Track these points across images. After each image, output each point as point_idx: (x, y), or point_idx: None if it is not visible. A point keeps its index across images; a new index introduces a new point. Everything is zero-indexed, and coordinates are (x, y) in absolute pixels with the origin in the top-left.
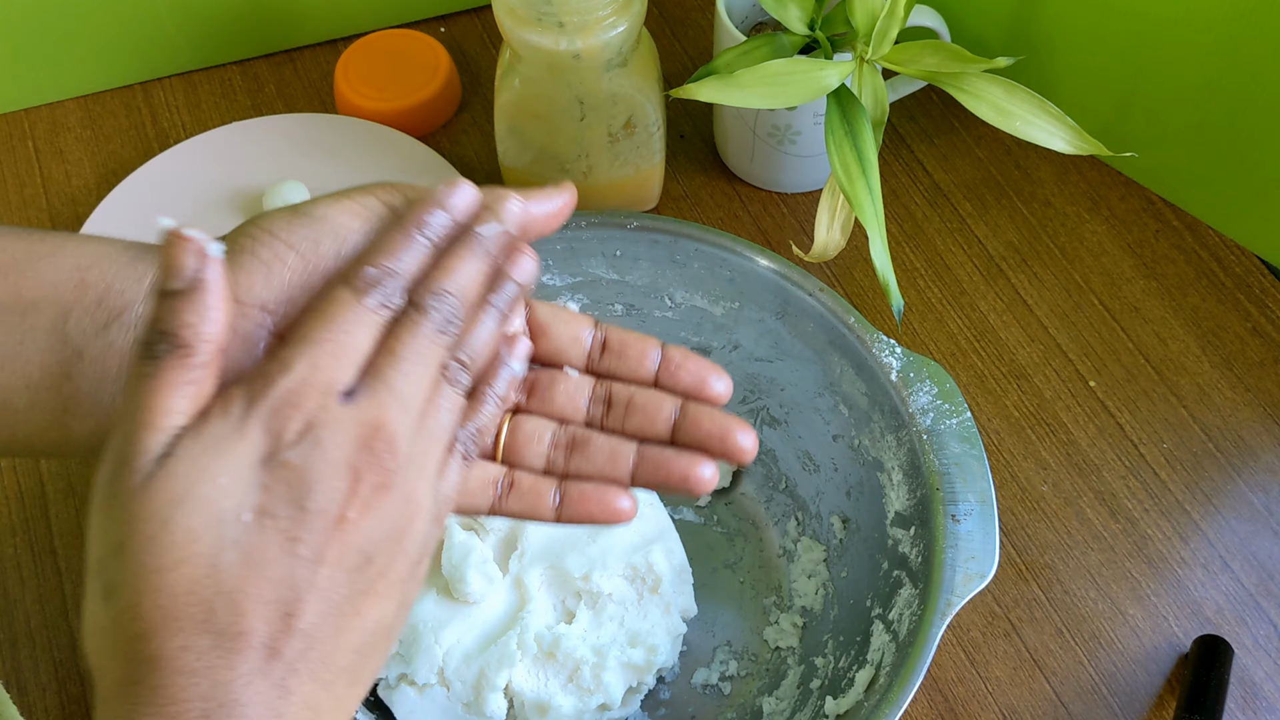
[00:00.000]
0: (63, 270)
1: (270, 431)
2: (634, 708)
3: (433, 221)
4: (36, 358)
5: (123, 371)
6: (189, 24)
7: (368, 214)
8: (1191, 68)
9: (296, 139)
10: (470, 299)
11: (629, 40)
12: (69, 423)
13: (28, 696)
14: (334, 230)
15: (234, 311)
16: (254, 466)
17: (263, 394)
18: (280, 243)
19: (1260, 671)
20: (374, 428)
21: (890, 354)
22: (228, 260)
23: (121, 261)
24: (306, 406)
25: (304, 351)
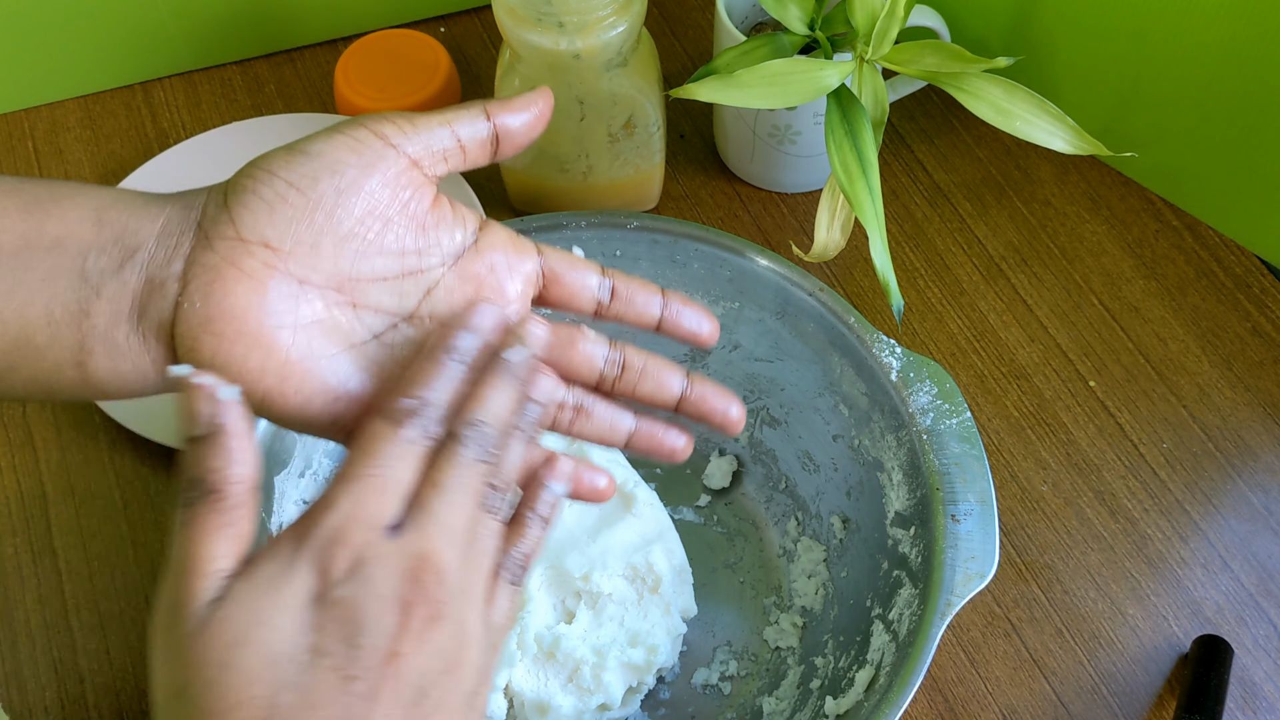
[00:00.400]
0: (83, 209)
1: (319, 570)
2: (634, 708)
3: (461, 346)
4: (58, 294)
5: (135, 311)
6: (189, 24)
7: (359, 146)
8: (1192, 67)
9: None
10: (504, 425)
11: (629, 40)
12: (86, 361)
13: (28, 696)
14: (330, 166)
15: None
16: (305, 606)
17: (309, 534)
18: (280, 180)
19: (1260, 671)
20: (421, 559)
21: (890, 354)
22: (230, 202)
23: (136, 204)
24: (353, 543)
25: (347, 489)
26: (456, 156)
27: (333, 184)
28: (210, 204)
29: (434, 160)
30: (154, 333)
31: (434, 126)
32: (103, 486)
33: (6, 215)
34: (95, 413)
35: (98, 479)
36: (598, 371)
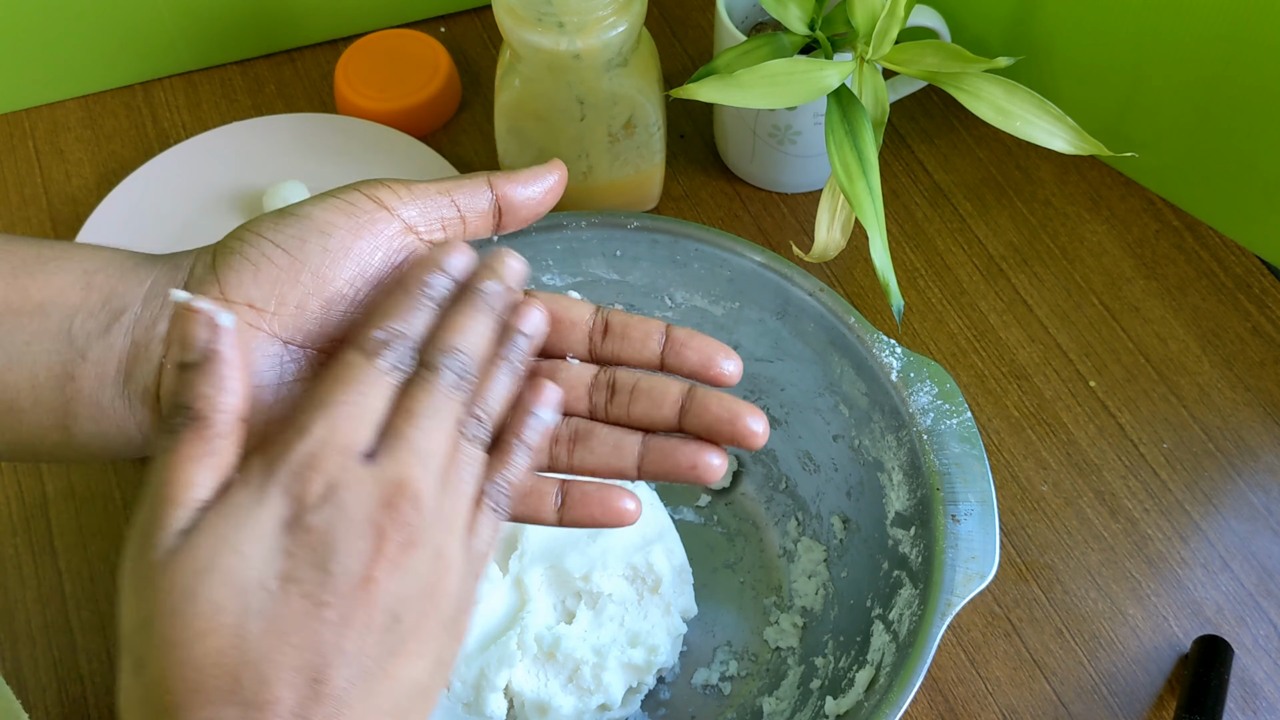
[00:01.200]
0: (70, 274)
1: (291, 496)
2: (634, 708)
3: (434, 282)
4: (43, 358)
5: (120, 374)
6: (189, 24)
7: (351, 209)
8: (1191, 67)
9: (296, 139)
10: (481, 355)
11: (629, 40)
12: (70, 424)
13: (28, 696)
14: (319, 227)
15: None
16: (276, 533)
17: (281, 459)
18: (267, 242)
19: (1260, 671)
20: (396, 485)
21: (890, 354)
22: (218, 264)
23: (126, 267)
24: (326, 468)
25: (320, 415)
26: (456, 225)
27: (320, 244)
28: (198, 265)
29: (431, 227)
30: (139, 396)
31: (432, 194)
32: (103, 486)
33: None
34: None
35: (98, 479)
36: (585, 398)
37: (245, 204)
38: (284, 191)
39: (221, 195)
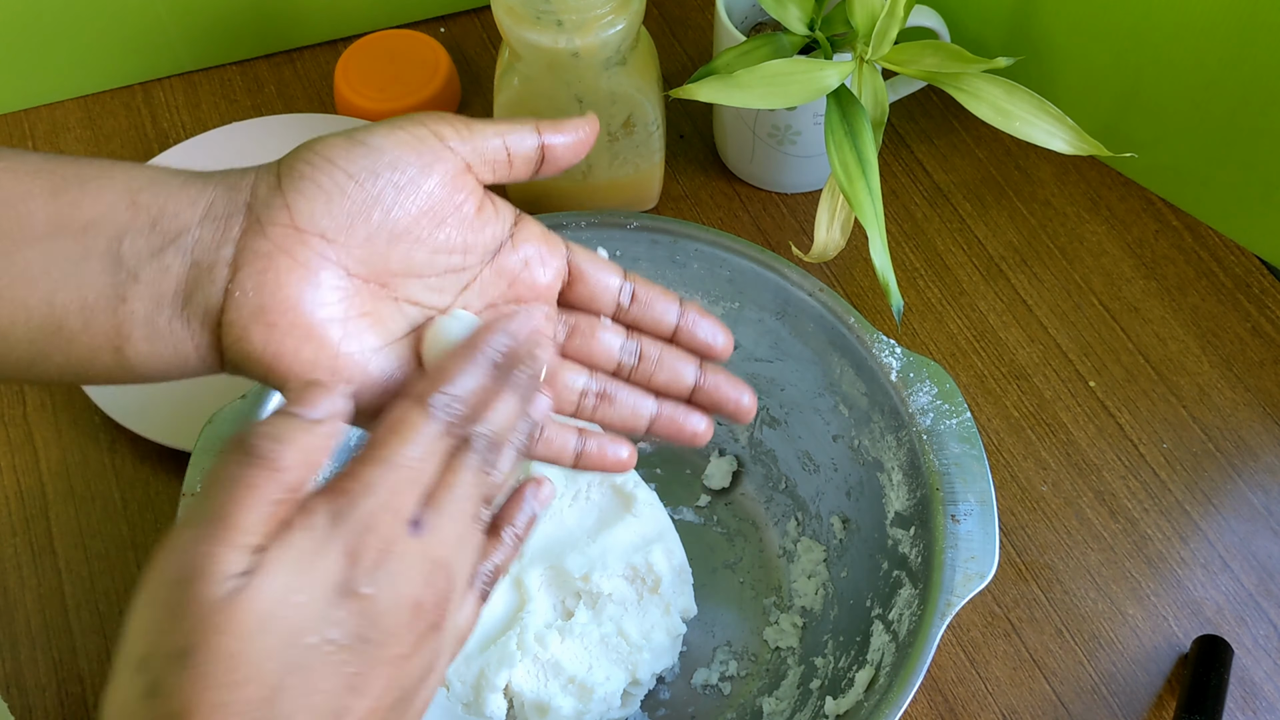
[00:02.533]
0: (115, 191)
1: (350, 556)
2: (634, 708)
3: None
4: (92, 279)
5: (179, 296)
6: (189, 24)
7: (419, 144)
8: (1191, 68)
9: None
10: (504, 440)
11: (628, 39)
12: (123, 346)
13: (28, 696)
14: (390, 161)
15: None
16: (330, 592)
17: (347, 514)
18: (340, 171)
19: (1260, 671)
20: (436, 564)
21: (890, 354)
22: (285, 186)
23: (173, 186)
24: (382, 533)
25: (383, 475)
26: (504, 167)
27: (392, 180)
28: (261, 186)
29: (484, 167)
30: (199, 318)
31: (489, 135)
32: (103, 486)
33: (32, 198)
34: (95, 413)
35: (98, 479)
36: (615, 360)
37: None
38: None
39: None
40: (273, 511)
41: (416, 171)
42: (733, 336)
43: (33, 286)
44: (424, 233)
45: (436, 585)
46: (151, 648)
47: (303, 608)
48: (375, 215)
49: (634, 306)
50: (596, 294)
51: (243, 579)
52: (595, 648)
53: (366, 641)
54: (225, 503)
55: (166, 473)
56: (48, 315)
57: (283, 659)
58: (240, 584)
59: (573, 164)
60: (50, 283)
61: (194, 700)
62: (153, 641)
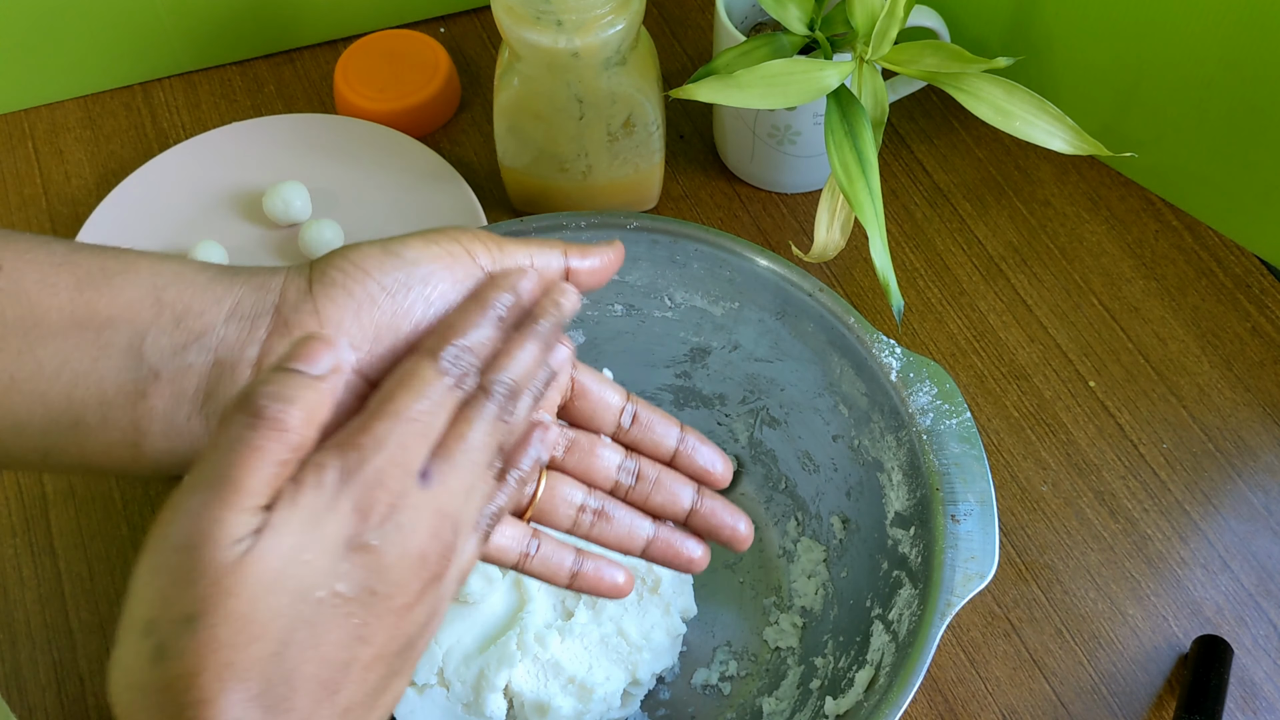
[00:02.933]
0: (139, 288)
1: (359, 510)
2: (634, 708)
3: (505, 303)
4: (112, 376)
5: (199, 393)
6: (188, 24)
7: (450, 260)
8: (1191, 67)
9: (296, 139)
10: (522, 389)
11: (627, 39)
12: (141, 442)
13: (27, 697)
14: (422, 276)
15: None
16: (340, 546)
17: (356, 469)
18: (373, 282)
19: (1260, 671)
20: (443, 516)
21: (890, 354)
22: (317, 292)
23: (199, 283)
24: (392, 487)
25: (393, 428)
26: None
27: (422, 295)
28: (290, 289)
29: None
30: (219, 416)
31: (518, 255)
32: (103, 487)
33: (56, 292)
34: None
35: (98, 479)
36: (613, 478)
37: (245, 204)
38: (284, 191)
39: (221, 196)
40: (278, 471)
41: (447, 288)
42: (731, 465)
43: (52, 380)
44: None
45: (442, 537)
46: (159, 612)
47: (311, 564)
48: (404, 327)
49: (634, 428)
50: (598, 411)
51: (249, 541)
52: (595, 648)
53: (373, 593)
54: (230, 465)
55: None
56: (65, 409)
57: (291, 615)
58: (247, 546)
59: (595, 288)
60: (70, 377)
61: (203, 661)
62: (160, 606)
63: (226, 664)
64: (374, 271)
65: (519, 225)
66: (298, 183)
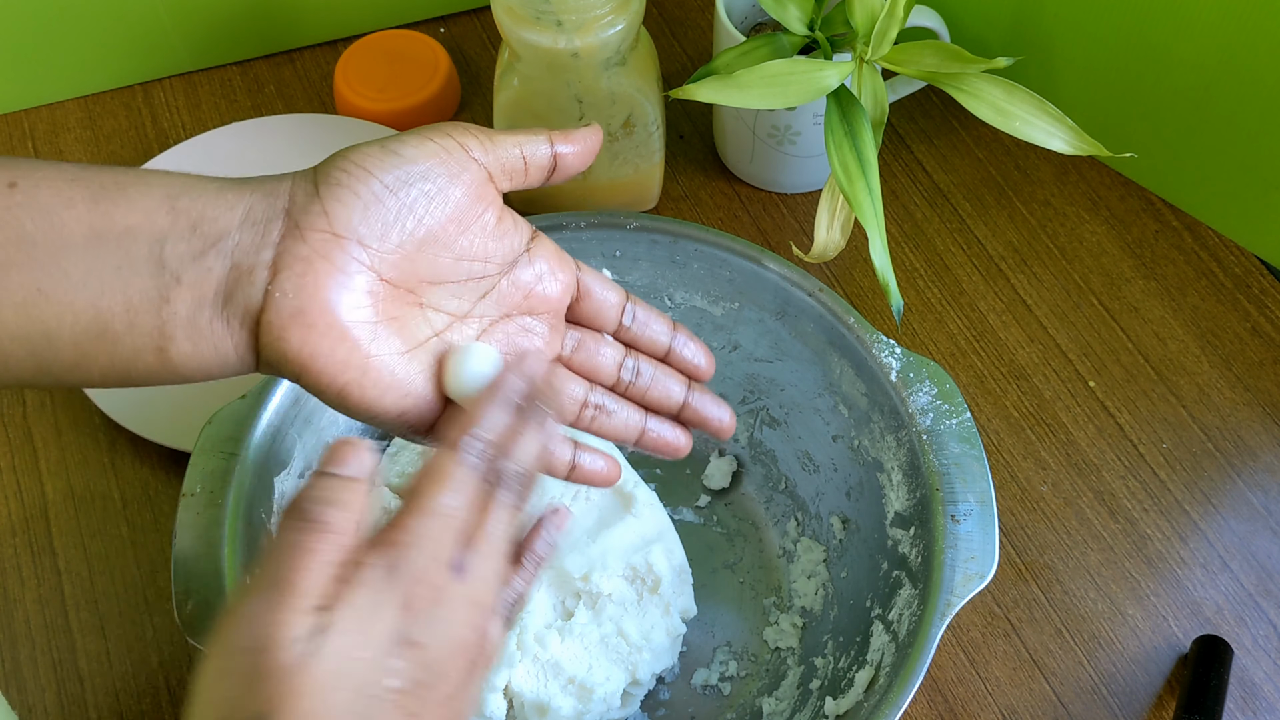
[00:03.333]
0: (153, 197)
1: (406, 606)
2: (634, 708)
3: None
4: (135, 282)
5: (219, 297)
6: (188, 25)
7: (445, 155)
8: (1191, 68)
9: (296, 139)
10: (532, 474)
11: (627, 39)
12: (166, 346)
13: (27, 696)
14: (421, 172)
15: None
16: (389, 642)
17: (400, 566)
18: (375, 180)
19: (1260, 672)
20: (477, 606)
21: (890, 354)
22: (323, 194)
23: (210, 191)
24: (433, 584)
25: (428, 524)
26: (520, 175)
27: (422, 189)
28: (299, 192)
29: (503, 176)
30: (239, 318)
31: (508, 145)
32: (102, 486)
33: (73, 206)
34: (95, 413)
35: (98, 479)
36: (615, 375)
37: None
38: None
39: None
40: (333, 573)
41: (445, 181)
42: (714, 362)
43: (78, 290)
44: (450, 239)
45: (477, 625)
46: (228, 713)
47: (366, 661)
48: (409, 222)
49: (634, 325)
50: (601, 311)
51: (312, 642)
52: (595, 648)
53: (421, 685)
54: (288, 569)
55: (166, 473)
56: (93, 318)
57: (351, 711)
58: (310, 648)
59: (579, 171)
60: (95, 286)
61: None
62: (229, 707)
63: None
64: (375, 170)
65: None
66: None
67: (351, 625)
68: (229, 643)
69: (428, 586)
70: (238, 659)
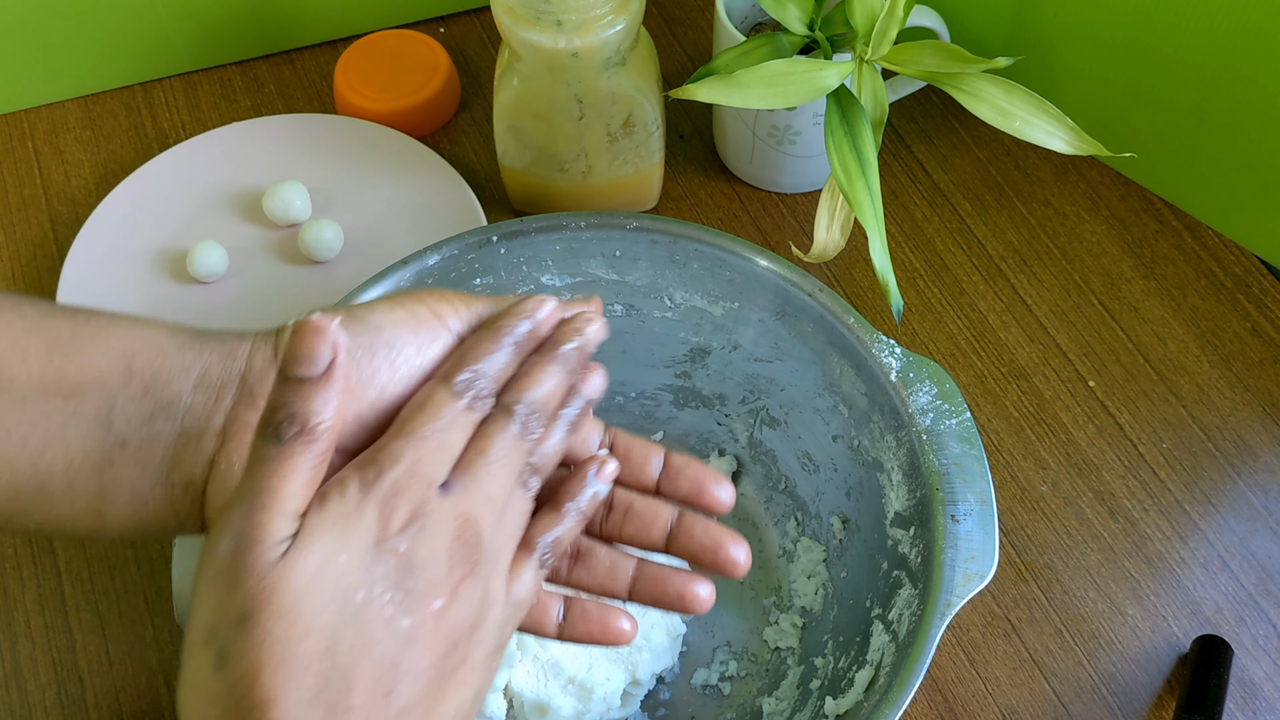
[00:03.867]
0: (109, 355)
1: (382, 517)
2: (633, 708)
3: (520, 330)
4: (78, 443)
5: (165, 462)
6: (188, 25)
7: (415, 323)
8: (1191, 68)
9: (296, 139)
10: (550, 410)
11: (627, 39)
12: (105, 509)
13: (28, 696)
14: (387, 341)
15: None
16: (368, 549)
17: (375, 481)
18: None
19: (1260, 671)
20: (466, 521)
21: (890, 354)
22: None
23: (169, 350)
24: (412, 496)
25: (409, 445)
26: None
27: (388, 360)
28: (256, 357)
29: None
30: (183, 485)
31: (485, 313)
32: None
33: (27, 357)
34: None
35: None
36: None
37: (244, 205)
38: (283, 192)
39: (221, 196)
40: (311, 476)
41: (411, 351)
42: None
43: (20, 446)
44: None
45: (466, 538)
46: (216, 619)
47: (346, 565)
48: (370, 394)
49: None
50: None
51: (291, 543)
52: (595, 648)
53: (409, 594)
54: (265, 477)
55: None
56: (31, 475)
57: (336, 614)
58: (290, 549)
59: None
60: (37, 443)
61: (260, 659)
62: (216, 613)
63: (282, 659)
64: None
65: (519, 225)
66: (298, 183)
67: (326, 530)
68: (213, 550)
69: (406, 499)
70: (221, 564)
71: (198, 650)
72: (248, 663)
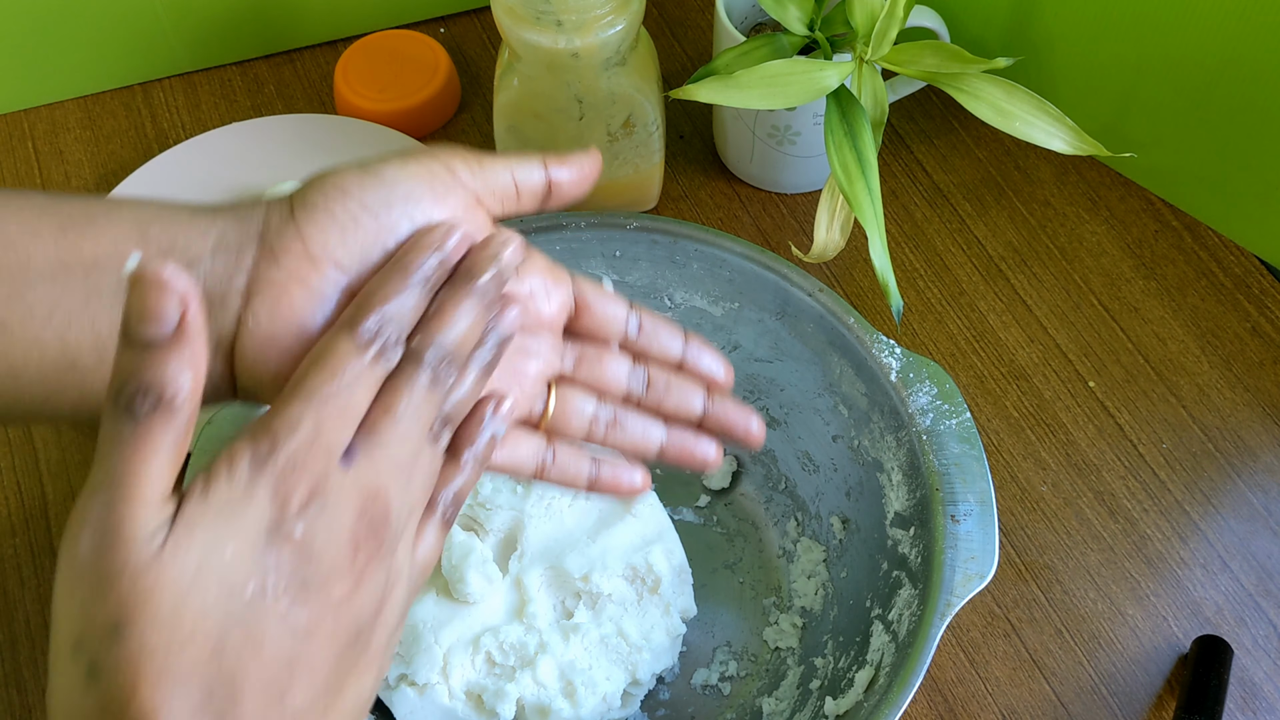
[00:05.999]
0: (122, 226)
1: (277, 498)
2: (634, 708)
3: (429, 264)
4: (104, 316)
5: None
6: (188, 25)
7: (431, 178)
8: (1191, 68)
9: (296, 139)
10: (464, 354)
11: (627, 39)
12: None
13: (27, 696)
14: (404, 193)
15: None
16: (260, 537)
17: (270, 456)
18: (354, 201)
19: (1260, 672)
20: (372, 496)
21: (890, 354)
22: (299, 216)
23: (181, 218)
24: (312, 471)
25: (309, 410)
26: (512, 201)
27: (405, 212)
28: (274, 216)
29: (493, 200)
30: (212, 347)
31: (498, 169)
32: None
33: (40, 237)
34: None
35: None
36: (624, 386)
37: None
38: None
39: (221, 196)
40: (175, 454)
41: (430, 204)
42: (731, 369)
43: (45, 324)
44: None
45: (372, 515)
46: (84, 628)
47: (233, 559)
48: (390, 244)
49: (640, 336)
50: (603, 323)
51: (161, 535)
52: (595, 648)
53: (306, 585)
54: (123, 459)
55: None
56: (60, 352)
57: (221, 614)
58: (162, 541)
59: (578, 198)
60: (62, 319)
61: (138, 672)
62: (83, 621)
63: (161, 671)
64: (354, 191)
65: (519, 225)
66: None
67: (209, 519)
68: (74, 549)
69: (304, 475)
70: (84, 566)
71: (64, 661)
72: (123, 676)
